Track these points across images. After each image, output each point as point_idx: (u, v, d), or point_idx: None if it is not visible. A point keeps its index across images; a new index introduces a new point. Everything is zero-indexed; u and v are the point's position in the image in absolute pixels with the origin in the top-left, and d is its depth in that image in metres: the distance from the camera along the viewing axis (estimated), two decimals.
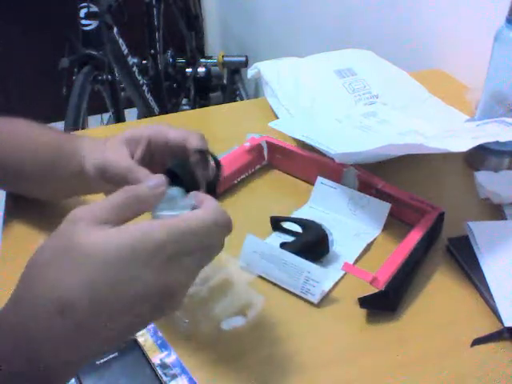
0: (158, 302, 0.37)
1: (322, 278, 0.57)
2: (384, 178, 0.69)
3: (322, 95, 0.89)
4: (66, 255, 0.35)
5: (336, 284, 0.60)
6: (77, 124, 1.30)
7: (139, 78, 1.79)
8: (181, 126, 0.76)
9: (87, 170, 0.55)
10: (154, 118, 1.09)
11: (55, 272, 0.35)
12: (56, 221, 0.39)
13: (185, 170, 0.48)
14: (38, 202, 0.68)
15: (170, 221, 0.37)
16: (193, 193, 0.44)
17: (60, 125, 1.31)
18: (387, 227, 0.67)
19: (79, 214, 0.37)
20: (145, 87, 1.84)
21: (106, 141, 0.55)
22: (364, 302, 0.56)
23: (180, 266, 0.37)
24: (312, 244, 0.62)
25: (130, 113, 1.97)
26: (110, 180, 0.53)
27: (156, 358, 0.51)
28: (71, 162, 0.57)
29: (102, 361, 0.49)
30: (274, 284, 0.60)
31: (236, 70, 2.18)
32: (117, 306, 0.35)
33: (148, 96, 1.86)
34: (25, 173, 0.61)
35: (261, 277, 0.60)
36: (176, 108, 2.16)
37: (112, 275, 0.35)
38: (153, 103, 1.91)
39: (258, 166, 0.79)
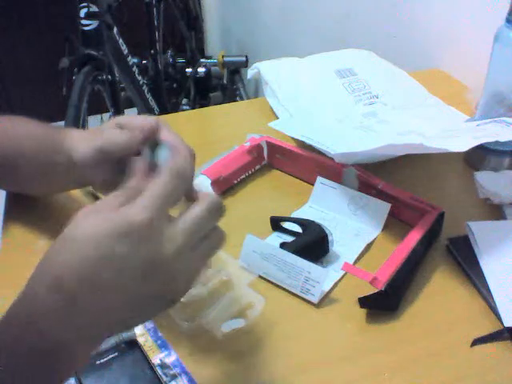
0: (146, 279, 0.38)
1: (322, 278, 0.57)
2: (384, 178, 0.69)
3: (322, 95, 0.89)
4: (63, 240, 0.38)
5: (336, 284, 0.60)
6: (77, 124, 1.30)
7: (139, 78, 1.79)
8: (181, 126, 0.76)
9: (78, 159, 0.55)
10: None
11: (53, 256, 0.38)
12: (56, 221, 0.39)
13: None
14: (38, 202, 0.68)
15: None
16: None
17: (60, 125, 1.31)
18: (387, 227, 0.67)
19: (84, 208, 0.40)
20: (145, 87, 1.83)
21: (97, 128, 0.56)
22: (364, 302, 0.56)
23: (161, 233, 0.38)
24: (312, 244, 0.62)
25: (130, 113, 1.97)
26: (108, 160, 0.53)
27: (156, 358, 0.51)
28: (57, 155, 0.57)
29: (102, 361, 0.49)
30: (274, 284, 0.60)
31: (236, 70, 2.18)
32: (103, 282, 0.37)
33: (148, 96, 1.86)
34: (13, 168, 0.61)
35: (261, 277, 0.60)
36: (176, 108, 2.16)
37: (95, 252, 0.37)
38: (153, 103, 1.90)
39: (257, 166, 0.79)
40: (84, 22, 1.46)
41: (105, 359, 0.49)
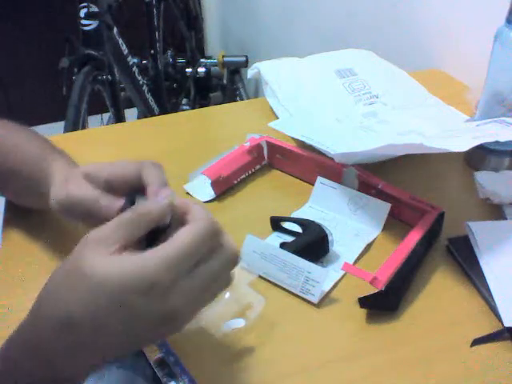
0: (158, 326, 0.38)
1: (322, 278, 0.57)
2: (384, 178, 0.69)
3: (322, 95, 0.89)
4: (74, 277, 0.37)
5: (336, 284, 0.60)
6: (77, 124, 1.30)
7: (139, 78, 1.79)
8: (181, 126, 0.76)
9: (50, 204, 0.55)
10: (153, 118, 1.09)
11: (64, 292, 0.38)
12: (55, 223, 0.39)
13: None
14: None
15: (162, 250, 0.38)
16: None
17: (60, 125, 1.31)
18: (387, 227, 0.67)
19: (90, 236, 0.39)
20: (145, 87, 1.83)
21: (67, 174, 0.55)
22: (364, 302, 0.56)
23: (179, 290, 0.38)
24: (312, 244, 0.62)
25: (130, 113, 1.97)
26: (73, 215, 0.53)
27: (156, 358, 0.51)
28: (41, 186, 0.57)
29: None
30: (274, 284, 0.60)
31: (236, 70, 2.18)
32: (116, 328, 0.37)
33: (148, 96, 1.86)
34: (6, 182, 0.62)
35: (261, 277, 0.60)
36: (176, 108, 2.16)
37: (113, 300, 0.36)
38: (153, 103, 1.90)
39: (257, 166, 0.79)
40: (84, 21, 1.46)
41: None
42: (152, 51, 1.97)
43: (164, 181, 0.47)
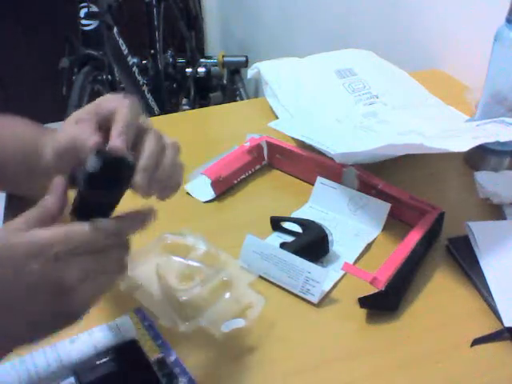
0: (50, 299, 0.39)
1: (322, 278, 0.57)
2: (384, 178, 0.69)
3: (322, 95, 0.89)
4: None
5: (336, 284, 0.60)
6: None
7: (139, 78, 1.79)
8: (181, 126, 0.76)
9: (47, 162, 0.52)
10: (153, 118, 1.09)
11: None
12: None
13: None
14: (38, 202, 0.68)
15: (59, 229, 0.41)
16: None
17: (60, 125, 1.31)
18: (387, 227, 0.67)
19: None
20: (145, 87, 1.84)
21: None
22: (364, 302, 0.56)
23: (70, 264, 0.39)
24: (312, 244, 0.62)
25: None
26: (69, 161, 0.49)
27: (156, 358, 0.51)
28: (41, 158, 0.55)
29: (101, 361, 0.49)
30: (274, 284, 0.60)
31: (236, 70, 2.18)
32: (8, 294, 0.38)
33: (148, 96, 1.86)
34: (4, 169, 0.61)
35: (261, 277, 0.60)
36: (176, 108, 2.16)
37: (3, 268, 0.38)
38: (153, 103, 1.91)
39: (257, 166, 0.79)
40: (84, 21, 1.46)
41: (105, 359, 0.49)
42: (152, 51, 1.97)
43: (126, 123, 0.46)
